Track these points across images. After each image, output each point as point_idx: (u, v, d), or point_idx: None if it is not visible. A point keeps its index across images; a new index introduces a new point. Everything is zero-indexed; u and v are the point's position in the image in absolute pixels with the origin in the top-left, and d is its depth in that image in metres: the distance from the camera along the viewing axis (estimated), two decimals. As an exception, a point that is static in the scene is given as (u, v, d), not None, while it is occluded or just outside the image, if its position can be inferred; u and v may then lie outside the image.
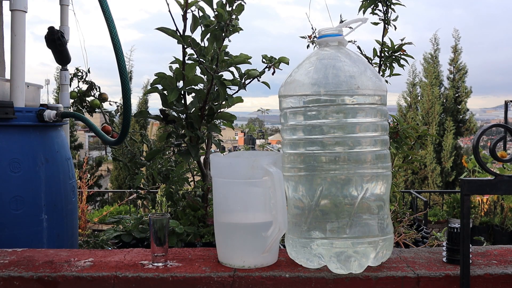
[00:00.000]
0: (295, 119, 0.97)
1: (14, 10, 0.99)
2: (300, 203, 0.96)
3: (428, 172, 8.50)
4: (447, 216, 4.77)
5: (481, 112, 71.58)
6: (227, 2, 1.34)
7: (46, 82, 8.84)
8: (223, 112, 1.48)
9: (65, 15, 1.32)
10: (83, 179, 3.06)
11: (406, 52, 1.59)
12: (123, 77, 0.98)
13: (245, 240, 0.94)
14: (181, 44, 1.35)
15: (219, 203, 0.97)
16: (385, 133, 0.97)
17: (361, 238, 0.92)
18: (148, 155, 1.57)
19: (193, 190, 1.58)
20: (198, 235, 1.41)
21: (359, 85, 0.92)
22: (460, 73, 9.06)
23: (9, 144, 0.95)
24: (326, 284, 0.90)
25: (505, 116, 6.71)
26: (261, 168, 0.90)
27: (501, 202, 4.70)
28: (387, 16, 1.61)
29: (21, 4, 0.99)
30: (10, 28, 0.99)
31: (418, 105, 8.88)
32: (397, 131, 1.51)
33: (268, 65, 1.47)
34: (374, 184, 0.93)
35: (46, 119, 1.01)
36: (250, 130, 32.89)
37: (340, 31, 1.00)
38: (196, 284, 0.90)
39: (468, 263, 0.88)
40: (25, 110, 0.98)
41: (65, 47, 1.27)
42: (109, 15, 0.97)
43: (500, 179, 0.89)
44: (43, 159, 1.00)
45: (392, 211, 1.59)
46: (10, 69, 0.99)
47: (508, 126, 0.93)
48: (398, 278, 0.90)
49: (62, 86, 1.36)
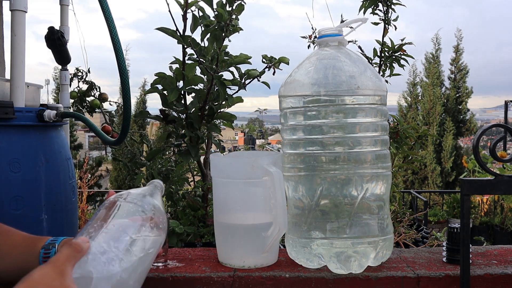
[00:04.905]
0: (295, 119, 0.97)
1: (14, 10, 0.99)
2: (300, 203, 0.96)
3: (428, 172, 8.49)
4: (447, 216, 4.77)
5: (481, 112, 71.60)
6: (227, 2, 1.34)
7: (46, 82, 8.84)
8: (223, 112, 1.48)
9: (65, 15, 1.32)
10: (83, 179, 3.06)
11: (406, 52, 1.59)
12: (123, 77, 0.98)
13: (245, 240, 0.94)
14: (181, 44, 1.35)
15: (219, 203, 0.97)
16: (385, 133, 0.97)
17: (361, 238, 0.92)
18: (148, 155, 1.57)
19: (193, 190, 1.58)
20: (198, 235, 1.41)
21: (359, 85, 0.92)
22: (461, 73, 9.06)
23: (9, 144, 0.95)
24: (326, 284, 0.90)
25: (505, 116, 6.71)
26: (261, 168, 0.90)
27: (501, 202, 4.70)
28: (387, 16, 1.61)
29: (21, 4, 0.99)
30: (10, 28, 0.99)
31: (419, 105, 8.88)
32: (397, 131, 1.51)
33: (268, 65, 1.47)
34: (374, 184, 0.93)
35: (46, 119, 1.00)
36: (250, 130, 32.89)
37: (340, 31, 1.00)
38: (196, 284, 0.90)
39: (468, 263, 0.88)
40: (25, 110, 0.98)
41: (65, 47, 1.27)
42: (109, 14, 0.96)
43: (500, 179, 0.89)
44: (43, 159, 1.00)
45: (392, 211, 1.59)
46: (10, 69, 0.99)
47: (508, 126, 0.93)
48: (398, 278, 0.90)
49: (62, 86, 1.36)
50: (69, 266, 0.64)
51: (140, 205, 0.78)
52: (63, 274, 0.62)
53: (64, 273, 0.62)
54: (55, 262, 0.64)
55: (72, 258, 0.64)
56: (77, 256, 0.65)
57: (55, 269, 0.62)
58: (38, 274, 0.62)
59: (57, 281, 0.61)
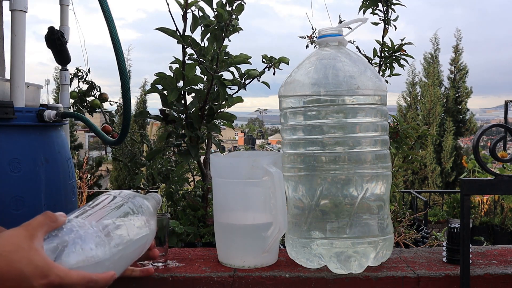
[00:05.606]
0: (295, 119, 0.97)
1: (14, 10, 0.99)
2: (300, 203, 0.96)
3: (428, 172, 8.50)
4: (447, 216, 4.77)
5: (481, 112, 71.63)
6: (227, 2, 1.34)
7: (46, 82, 8.84)
8: (223, 112, 1.48)
9: (65, 15, 1.32)
10: (83, 179, 3.06)
11: (406, 52, 1.59)
12: (123, 77, 0.98)
13: (245, 240, 0.94)
14: (181, 44, 1.35)
15: (219, 203, 0.97)
16: (385, 133, 0.97)
17: (361, 238, 0.92)
18: (148, 155, 1.57)
19: (193, 190, 1.58)
20: (198, 235, 1.41)
21: (359, 85, 0.93)
22: (461, 73, 9.06)
23: (9, 144, 0.95)
24: (326, 284, 0.90)
25: (505, 116, 6.72)
26: (261, 168, 0.90)
27: (501, 202, 4.70)
28: (387, 16, 1.61)
29: (21, 4, 0.99)
30: (10, 28, 0.99)
31: (418, 105, 8.88)
32: (397, 131, 1.51)
33: (268, 65, 1.47)
34: (374, 184, 0.93)
35: (46, 119, 1.00)
36: (250, 130, 32.89)
37: (340, 31, 1.00)
38: (196, 284, 0.90)
39: (468, 263, 0.88)
40: (25, 110, 0.98)
41: (65, 47, 1.27)
42: (109, 14, 0.96)
43: (500, 179, 0.89)
44: (43, 159, 1.00)
45: (392, 211, 1.59)
46: (10, 69, 0.99)
47: (508, 126, 0.93)
48: (398, 278, 0.90)
49: (62, 86, 1.36)
50: (40, 232, 0.63)
51: (130, 201, 0.82)
52: (33, 237, 0.62)
53: (34, 237, 0.62)
54: (27, 226, 0.64)
55: (44, 225, 0.64)
56: (50, 225, 0.65)
57: (25, 232, 0.62)
58: (7, 233, 0.62)
59: (25, 243, 0.61)
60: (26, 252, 0.60)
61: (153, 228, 0.84)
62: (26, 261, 0.59)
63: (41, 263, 0.60)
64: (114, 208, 0.78)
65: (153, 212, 0.86)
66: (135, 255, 0.81)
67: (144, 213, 0.82)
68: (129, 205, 0.81)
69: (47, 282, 0.59)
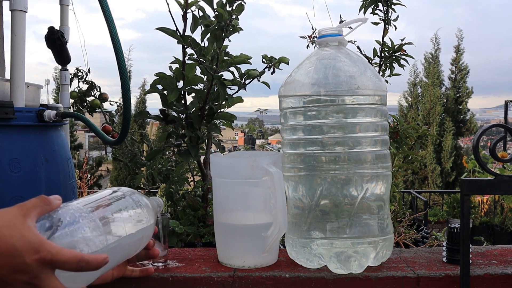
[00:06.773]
0: (295, 119, 0.97)
1: (14, 10, 0.98)
2: (300, 203, 0.96)
3: (428, 172, 8.50)
4: (447, 216, 4.77)
5: (481, 112, 71.62)
6: (227, 2, 1.34)
7: (46, 82, 8.84)
8: (223, 112, 1.48)
9: (65, 15, 1.32)
10: (83, 179, 3.06)
11: (406, 52, 1.59)
12: (123, 77, 0.98)
13: (245, 240, 0.94)
14: (181, 44, 1.35)
15: (219, 203, 0.97)
16: (385, 133, 0.97)
17: (361, 238, 0.92)
18: (148, 155, 1.57)
19: (193, 190, 1.58)
20: (198, 235, 1.41)
21: (359, 85, 0.92)
22: (461, 73, 9.06)
23: (9, 144, 0.95)
24: (326, 284, 0.90)
25: (505, 116, 6.72)
26: (261, 168, 0.90)
27: (501, 202, 4.71)
28: (387, 16, 1.61)
29: (21, 4, 0.99)
30: (10, 28, 0.99)
31: (419, 105, 8.88)
32: (397, 131, 1.51)
33: (268, 65, 1.47)
34: (374, 184, 0.93)
35: (46, 119, 1.00)
36: (250, 130, 32.89)
37: (340, 31, 1.00)
38: (196, 284, 0.90)
39: (468, 263, 0.88)
40: (25, 110, 0.98)
41: (65, 47, 1.27)
42: (109, 14, 0.96)
43: (500, 179, 0.89)
44: (43, 159, 1.00)
45: (392, 211, 1.59)
46: (10, 69, 0.99)
47: (508, 126, 0.93)
48: (398, 278, 0.90)
49: (62, 86, 1.36)
50: (33, 212, 0.64)
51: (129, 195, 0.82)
52: (26, 216, 0.62)
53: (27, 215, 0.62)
54: (21, 205, 0.64)
55: (38, 207, 0.65)
56: (44, 207, 0.65)
57: (19, 211, 0.63)
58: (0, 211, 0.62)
59: (18, 220, 0.61)
60: (19, 228, 0.60)
61: (151, 224, 0.84)
62: (18, 236, 0.60)
63: (33, 238, 0.60)
64: (112, 199, 0.79)
65: (152, 210, 0.86)
66: (131, 249, 0.81)
67: (142, 207, 0.82)
68: (128, 199, 0.81)
69: (38, 257, 0.60)
